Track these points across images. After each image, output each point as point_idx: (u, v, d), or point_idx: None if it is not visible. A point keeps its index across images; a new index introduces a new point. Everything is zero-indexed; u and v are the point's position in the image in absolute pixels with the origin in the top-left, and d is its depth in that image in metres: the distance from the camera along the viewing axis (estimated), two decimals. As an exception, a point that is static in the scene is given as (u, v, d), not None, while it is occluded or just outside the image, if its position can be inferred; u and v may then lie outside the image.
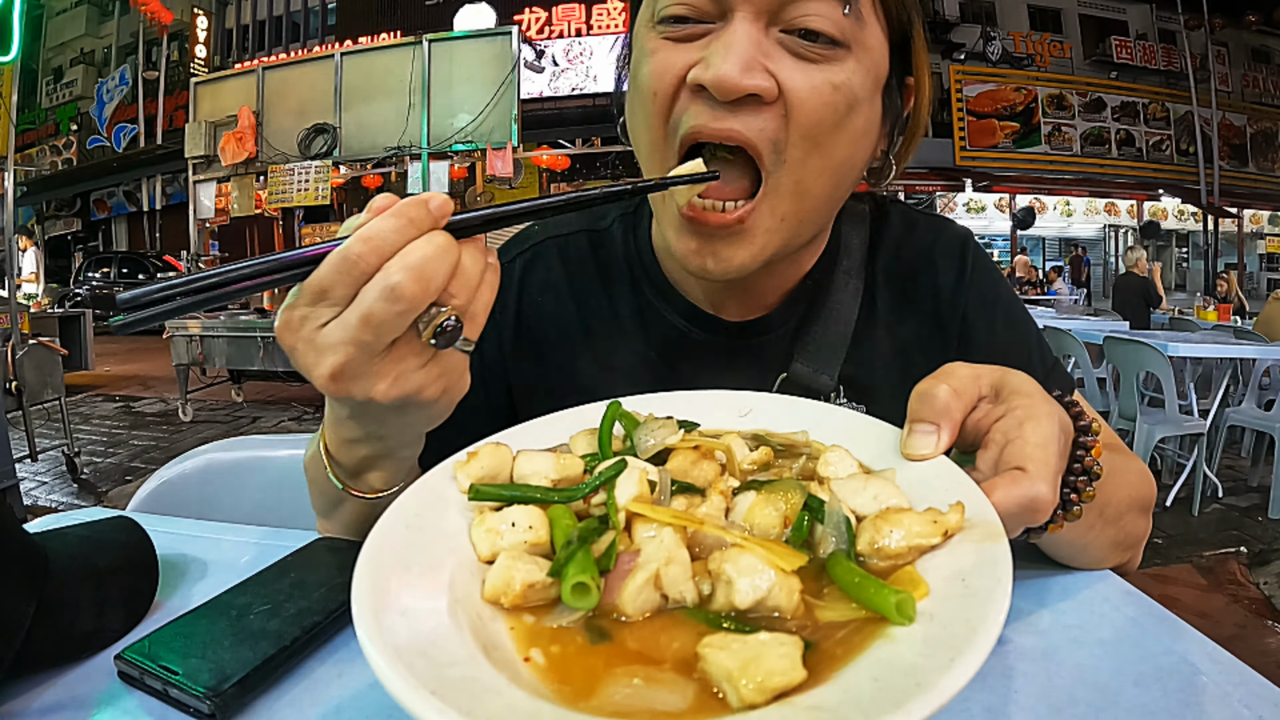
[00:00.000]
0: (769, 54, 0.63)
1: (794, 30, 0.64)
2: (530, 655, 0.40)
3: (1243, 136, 20.63)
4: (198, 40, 20.86)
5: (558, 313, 0.86)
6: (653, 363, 0.84)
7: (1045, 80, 19.59)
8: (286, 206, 8.68)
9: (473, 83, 8.11)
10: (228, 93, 8.99)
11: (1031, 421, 0.48)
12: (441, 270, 0.49)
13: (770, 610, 0.40)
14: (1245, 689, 0.49)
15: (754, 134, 0.64)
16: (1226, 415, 4.46)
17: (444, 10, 15.14)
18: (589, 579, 0.42)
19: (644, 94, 0.68)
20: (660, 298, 0.85)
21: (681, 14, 0.66)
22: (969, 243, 0.87)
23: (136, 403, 8.08)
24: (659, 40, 0.67)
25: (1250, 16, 20.21)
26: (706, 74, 0.62)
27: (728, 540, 0.44)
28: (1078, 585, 0.65)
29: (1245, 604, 3.15)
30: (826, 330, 0.81)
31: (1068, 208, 20.07)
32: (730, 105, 0.63)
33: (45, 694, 0.52)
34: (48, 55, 24.48)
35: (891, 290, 0.84)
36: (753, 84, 0.62)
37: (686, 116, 0.65)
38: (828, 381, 0.80)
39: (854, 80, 0.65)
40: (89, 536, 0.63)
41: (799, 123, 0.64)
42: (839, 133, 0.66)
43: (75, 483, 5.09)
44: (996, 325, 0.84)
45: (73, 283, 17.19)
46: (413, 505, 0.50)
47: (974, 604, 0.37)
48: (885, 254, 0.85)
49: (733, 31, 0.63)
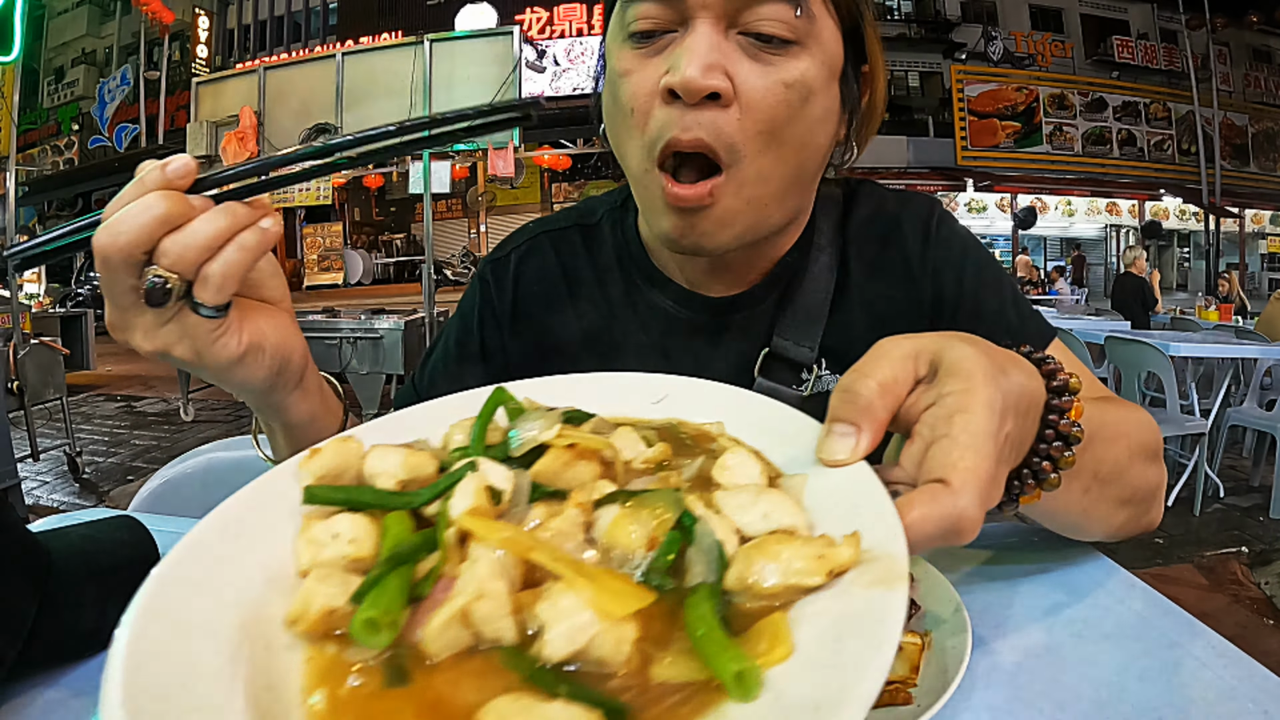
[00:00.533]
0: (728, 55, 0.68)
1: (750, 33, 0.69)
2: (313, 698, 0.34)
3: (1244, 136, 20.63)
4: (199, 40, 20.91)
5: (552, 300, 0.91)
6: (642, 343, 0.88)
7: (1047, 80, 19.60)
8: (288, 206, 8.71)
9: (474, 83, 8.11)
10: (229, 93, 8.99)
11: (963, 414, 0.42)
12: (135, 228, 0.51)
13: (594, 663, 0.33)
14: (1251, 683, 0.49)
15: (713, 139, 0.68)
16: (1228, 415, 4.45)
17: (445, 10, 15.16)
18: (381, 613, 0.35)
19: (623, 109, 0.73)
20: (648, 282, 0.89)
21: (648, 29, 0.71)
22: (935, 207, 0.90)
23: (138, 402, 8.09)
24: (631, 57, 0.72)
25: (1252, 16, 20.22)
26: (674, 78, 0.67)
27: (553, 571, 0.36)
28: (1082, 579, 0.65)
29: (1247, 604, 3.15)
30: (803, 304, 0.85)
31: (1069, 208, 20.07)
32: (695, 108, 0.68)
33: (47, 692, 0.52)
34: (49, 55, 24.52)
35: (862, 261, 0.87)
36: (712, 84, 0.66)
37: (661, 128, 0.70)
38: (808, 353, 0.84)
39: (808, 74, 0.70)
40: (91, 536, 0.63)
41: (753, 119, 0.69)
42: (794, 125, 0.70)
43: (77, 482, 5.09)
44: (966, 279, 0.86)
45: (74, 283, 17.22)
46: (238, 509, 0.44)
47: (834, 681, 0.30)
48: (855, 228, 0.89)
49: (694, 36, 0.68)
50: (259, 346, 0.59)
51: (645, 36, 0.71)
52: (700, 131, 0.68)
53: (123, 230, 0.51)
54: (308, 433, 0.69)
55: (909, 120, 19.37)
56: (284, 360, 0.62)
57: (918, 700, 0.45)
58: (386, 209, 21.82)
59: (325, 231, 11.82)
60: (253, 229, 0.54)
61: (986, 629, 0.56)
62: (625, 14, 0.72)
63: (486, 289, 0.93)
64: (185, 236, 0.52)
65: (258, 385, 0.62)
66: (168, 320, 0.54)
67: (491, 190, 10.49)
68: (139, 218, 0.51)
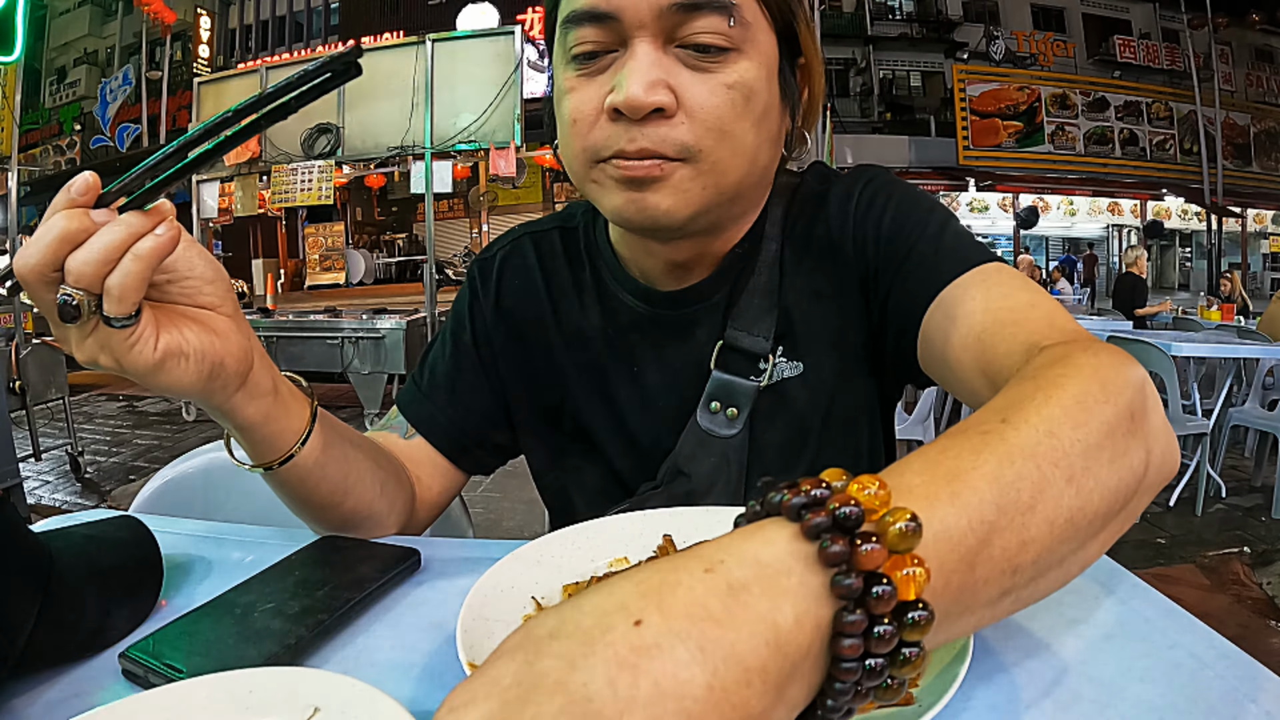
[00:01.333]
0: (669, 70, 0.71)
1: (687, 45, 0.71)
2: None
3: (1246, 136, 20.61)
4: (201, 40, 20.91)
5: (532, 296, 0.96)
6: (608, 335, 0.92)
7: (1048, 80, 19.58)
8: (290, 206, 8.68)
9: (476, 82, 8.11)
10: (231, 92, 8.99)
11: None
12: (40, 250, 0.53)
13: None
14: (1252, 683, 0.48)
15: (659, 145, 0.71)
16: (1230, 415, 4.45)
17: (447, 10, 15.17)
18: None
19: (567, 124, 0.76)
20: (613, 279, 0.93)
21: (589, 50, 0.73)
22: (864, 176, 0.87)
23: (140, 402, 8.10)
24: (575, 78, 0.75)
25: (1253, 15, 20.20)
26: (618, 97, 0.70)
27: None
28: (1083, 579, 0.64)
29: (1249, 604, 3.14)
30: (753, 295, 0.86)
31: (1071, 207, 20.05)
32: (641, 123, 0.71)
33: (49, 692, 0.52)
34: (51, 55, 24.53)
35: (796, 245, 0.88)
36: (656, 99, 0.69)
37: (606, 140, 0.73)
38: (762, 343, 0.85)
39: (747, 75, 0.72)
40: (93, 536, 0.63)
41: (701, 122, 0.71)
42: (741, 120, 0.73)
43: (79, 482, 5.10)
44: (884, 230, 0.82)
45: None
46: None
47: None
48: (794, 213, 0.89)
49: (635, 56, 0.71)
50: (179, 352, 0.59)
51: (587, 58, 0.74)
52: (645, 141, 0.71)
53: (31, 253, 0.53)
54: (262, 434, 0.68)
55: (910, 120, 19.39)
56: (214, 365, 0.61)
57: (919, 700, 0.45)
58: (388, 209, 21.82)
59: (327, 231, 11.82)
60: (149, 237, 0.55)
61: (988, 629, 0.56)
62: (567, 38, 0.75)
63: (474, 285, 0.99)
64: (84, 252, 0.53)
65: (188, 389, 0.61)
66: (88, 333, 0.56)
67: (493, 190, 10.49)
68: (44, 239, 0.53)
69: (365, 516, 0.79)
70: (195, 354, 0.60)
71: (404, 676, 0.54)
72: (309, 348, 6.59)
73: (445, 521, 0.94)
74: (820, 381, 0.86)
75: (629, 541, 0.68)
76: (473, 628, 0.52)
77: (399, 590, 0.67)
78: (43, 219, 0.54)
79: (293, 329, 6.76)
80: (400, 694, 0.51)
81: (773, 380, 0.85)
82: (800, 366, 0.86)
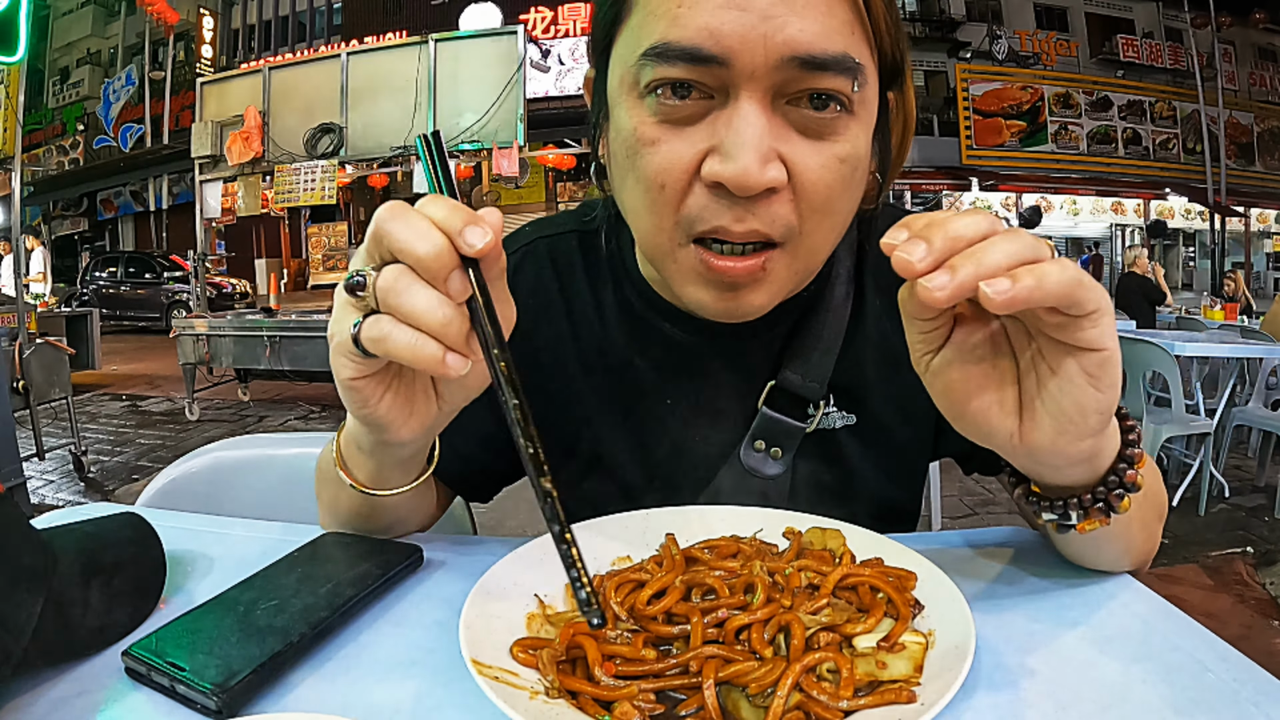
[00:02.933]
0: (780, 136, 0.61)
1: (800, 104, 0.61)
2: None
3: (1249, 135, 20.58)
4: (204, 40, 20.92)
5: (547, 313, 0.86)
6: (637, 365, 0.84)
7: (1051, 79, 19.56)
8: (293, 206, 8.68)
9: (478, 82, 8.11)
10: (234, 92, 8.99)
11: None
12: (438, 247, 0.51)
13: None
14: (1253, 686, 0.48)
15: (769, 227, 0.63)
16: (1233, 415, 4.44)
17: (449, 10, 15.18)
18: None
19: (648, 183, 0.64)
20: (641, 299, 0.84)
21: (677, 78, 0.61)
22: None
23: (143, 402, 8.10)
24: (657, 126, 0.63)
25: (1257, 15, 20.16)
26: (726, 173, 0.59)
27: None
28: (1084, 582, 0.65)
29: (1252, 604, 3.14)
30: (819, 338, 0.81)
31: (1074, 207, 20.03)
32: (748, 200, 0.61)
33: (52, 689, 0.52)
34: (54, 56, 24.56)
35: (879, 295, 0.83)
36: (771, 178, 0.60)
37: (704, 213, 0.63)
38: (817, 389, 0.80)
39: (859, 144, 0.64)
40: (96, 533, 0.64)
41: (810, 203, 0.63)
42: (845, 195, 0.65)
43: (82, 481, 5.11)
44: None
45: (79, 282, 17.27)
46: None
47: None
48: (873, 259, 0.83)
49: (744, 117, 0.59)
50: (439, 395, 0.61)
51: (672, 92, 0.61)
52: (755, 223, 0.62)
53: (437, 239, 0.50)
54: (404, 468, 0.69)
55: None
56: (436, 423, 0.63)
57: (921, 699, 0.45)
58: (391, 208, 21.80)
59: (330, 231, 11.85)
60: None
61: (990, 629, 0.56)
62: (646, 72, 0.62)
63: None
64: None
65: (416, 431, 0.61)
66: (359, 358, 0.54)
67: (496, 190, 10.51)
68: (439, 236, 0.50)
69: (399, 530, 0.79)
70: (445, 409, 0.62)
71: (406, 674, 0.54)
72: (312, 347, 6.60)
73: (448, 520, 0.94)
74: (874, 435, 0.83)
75: (632, 540, 0.68)
76: (475, 625, 0.52)
77: (401, 588, 0.67)
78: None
79: (296, 329, 6.77)
80: (403, 691, 0.52)
81: (821, 426, 0.81)
82: (853, 418, 0.82)
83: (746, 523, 0.70)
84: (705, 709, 0.47)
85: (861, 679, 0.49)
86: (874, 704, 0.46)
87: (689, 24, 0.59)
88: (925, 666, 0.49)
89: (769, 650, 0.51)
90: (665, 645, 0.54)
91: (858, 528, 0.67)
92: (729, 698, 0.48)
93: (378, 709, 0.50)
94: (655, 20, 0.61)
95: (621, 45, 0.65)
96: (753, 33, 0.57)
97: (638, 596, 0.58)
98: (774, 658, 0.50)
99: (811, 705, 0.46)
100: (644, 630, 0.55)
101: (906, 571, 0.59)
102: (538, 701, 0.47)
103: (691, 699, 0.48)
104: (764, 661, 0.50)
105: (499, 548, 0.66)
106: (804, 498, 0.81)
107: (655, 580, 0.59)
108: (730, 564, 0.62)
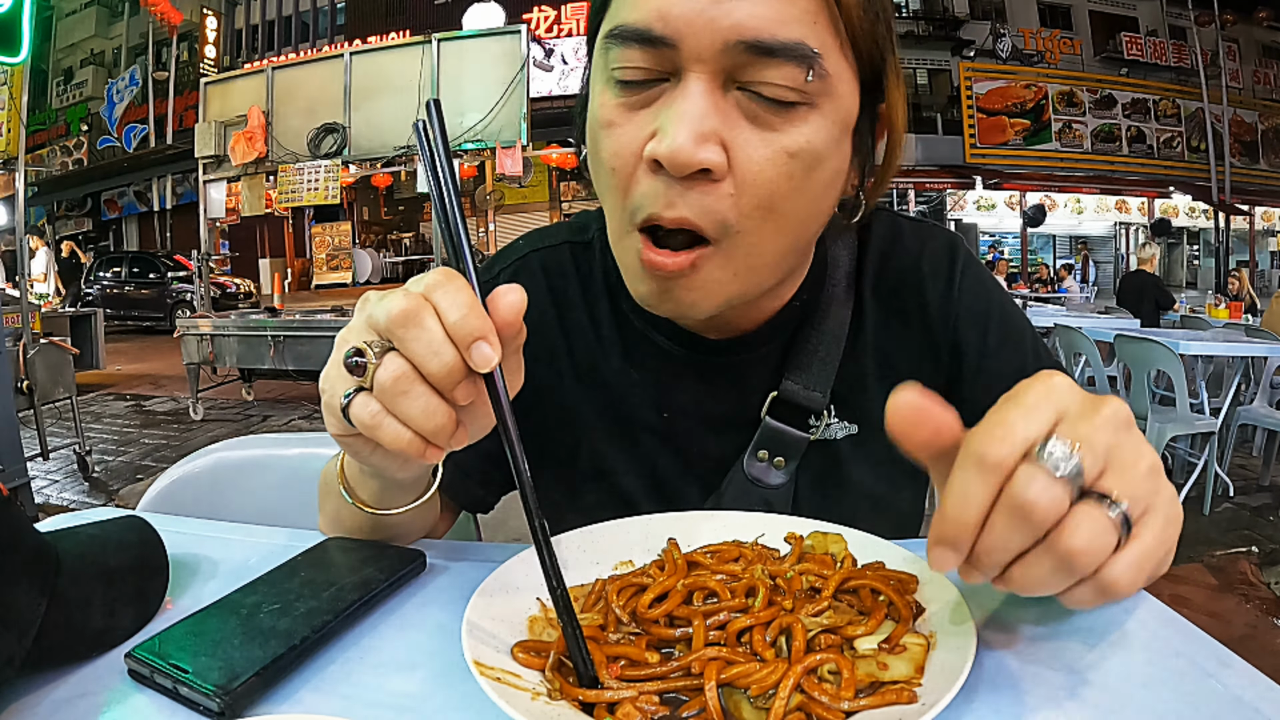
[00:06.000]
0: (725, 118, 0.60)
1: (751, 91, 0.60)
2: None
3: (1254, 133, 20.52)
4: (207, 40, 20.95)
5: (541, 328, 0.84)
6: (633, 378, 0.84)
7: (1055, 77, 19.52)
8: (296, 205, 8.70)
9: (482, 82, 8.12)
10: (237, 93, 9.01)
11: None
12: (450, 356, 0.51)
13: None
14: (1255, 691, 0.48)
15: (699, 217, 0.61)
16: (1238, 414, 4.43)
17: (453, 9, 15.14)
18: None
19: (603, 165, 0.65)
20: (637, 313, 0.82)
21: (633, 78, 0.62)
22: (958, 251, 0.84)
23: (147, 401, 8.12)
24: (615, 107, 0.63)
25: (1261, 12, 20.10)
26: (660, 148, 0.59)
27: None
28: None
29: (1256, 604, 3.13)
30: (819, 348, 0.80)
31: (1078, 205, 20.00)
32: (683, 182, 0.60)
33: (56, 691, 0.52)
34: (58, 56, 24.60)
35: (880, 305, 0.83)
36: (703, 158, 0.59)
37: (644, 200, 0.63)
38: (819, 399, 0.80)
39: (816, 139, 0.61)
40: (100, 536, 0.64)
41: (749, 197, 0.61)
42: (796, 196, 0.63)
43: (86, 481, 5.12)
44: (990, 339, 0.82)
45: (84, 282, 17.30)
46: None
47: None
48: (872, 267, 0.83)
49: (687, 95, 0.59)
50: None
51: (631, 84, 0.62)
52: (685, 210, 0.61)
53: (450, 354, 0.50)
54: (404, 490, 0.68)
55: (917, 118, 19.29)
56: (384, 472, 0.62)
57: (922, 700, 0.45)
58: (395, 208, 21.80)
59: (334, 231, 11.83)
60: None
61: (991, 632, 0.56)
62: (609, 55, 0.63)
63: None
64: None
65: (406, 466, 0.61)
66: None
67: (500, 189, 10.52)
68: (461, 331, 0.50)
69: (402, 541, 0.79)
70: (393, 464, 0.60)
71: (409, 678, 0.54)
72: (316, 347, 6.62)
73: (450, 522, 0.94)
74: (878, 444, 0.80)
75: (633, 545, 0.68)
76: (478, 629, 0.52)
77: (405, 592, 0.67)
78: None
79: (300, 328, 6.79)
80: (405, 693, 0.52)
81: (824, 436, 0.81)
82: (855, 428, 0.82)
83: (748, 528, 0.70)
84: (707, 710, 0.47)
85: (863, 680, 0.49)
86: (875, 704, 0.46)
87: (644, 6, 0.60)
88: (926, 667, 0.49)
89: (770, 652, 0.51)
90: (667, 648, 0.55)
91: (859, 532, 0.67)
92: (731, 699, 0.49)
93: (380, 711, 0.50)
94: (620, 4, 0.62)
95: (599, 36, 0.66)
96: (701, 16, 0.58)
97: (640, 600, 0.58)
98: (775, 659, 0.50)
99: (813, 706, 0.46)
100: (646, 633, 0.55)
101: (908, 575, 0.59)
102: (539, 703, 0.47)
103: (694, 700, 0.48)
104: (765, 663, 0.50)
105: (501, 552, 0.66)
106: (805, 508, 0.80)
107: (657, 584, 0.59)
108: (732, 568, 0.62)
